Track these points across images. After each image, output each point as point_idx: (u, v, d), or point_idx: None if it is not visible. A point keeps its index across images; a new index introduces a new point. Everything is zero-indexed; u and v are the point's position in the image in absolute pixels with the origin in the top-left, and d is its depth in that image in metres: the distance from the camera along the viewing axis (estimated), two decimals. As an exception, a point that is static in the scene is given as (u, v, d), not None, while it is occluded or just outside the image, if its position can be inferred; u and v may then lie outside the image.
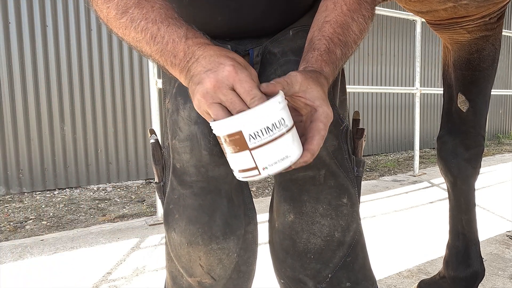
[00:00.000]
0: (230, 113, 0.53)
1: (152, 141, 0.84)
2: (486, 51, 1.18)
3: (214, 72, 0.53)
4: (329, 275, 0.74)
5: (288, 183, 0.75)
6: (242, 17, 0.77)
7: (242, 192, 0.78)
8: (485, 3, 1.02)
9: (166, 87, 0.82)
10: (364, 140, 0.82)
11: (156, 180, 0.83)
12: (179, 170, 0.74)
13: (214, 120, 0.54)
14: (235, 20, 0.77)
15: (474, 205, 1.27)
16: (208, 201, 0.72)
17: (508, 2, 1.09)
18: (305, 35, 0.76)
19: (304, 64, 0.63)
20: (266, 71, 0.78)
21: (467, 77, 1.21)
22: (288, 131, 0.54)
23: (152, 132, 0.87)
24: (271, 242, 0.82)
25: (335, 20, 0.67)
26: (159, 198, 0.83)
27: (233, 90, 0.53)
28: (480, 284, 1.54)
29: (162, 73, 0.84)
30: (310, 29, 0.71)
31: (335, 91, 0.78)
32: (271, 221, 0.83)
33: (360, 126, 0.85)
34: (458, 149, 1.23)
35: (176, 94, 0.75)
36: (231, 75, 0.52)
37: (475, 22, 1.11)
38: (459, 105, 1.23)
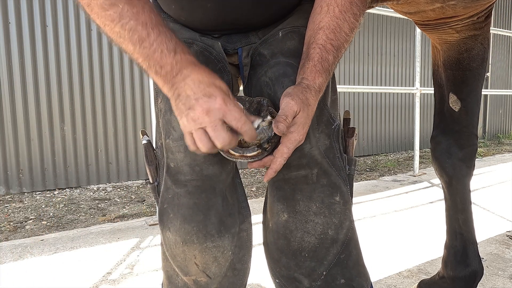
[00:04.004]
0: (210, 139, 0.60)
1: (144, 141, 0.84)
2: (475, 50, 1.18)
3: (206, 102, 0.58)
4: (324, 273, 0.75)
5: (281, 183, 0.75)
6: (231, 4, 0.78)
7: (236, 191, 0.78)
8: (472, 4, 1.02)
9: (158, 87, 0.82)
10: (356, 139, 0.83)
11: (150, 180, 0.84)
12: (173, 170, 0.74)
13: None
14: (224, 7, 0.78)
15: (470, 204, 1.27)
16: (202, 199, 0.72)
17: (494, 2, 1.09)
18: (294, 36, 0.78)
19: (301, 75, 0.69)
20: (257, 73, 0.78)
21: (458, 76, 1.21)
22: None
23: (144, 133, 0.88)
24: (265, 242, 0.83)
25: (327, 25, 0.70)
26: (154, 198, 0.84)
27: (222, 119, 0.59)
28: (480, 284, 1.54)
29: None
30: (306, 32, 0.75)
31: (327, 91, 0.79)
32: (265, 222, 0.83)
33: (354, 126, 0.85)
34: (452, 149, 1.24)
35: None
36: (222, 107, 0.59)
37: (463, 22, 1.12)
38: (451, 105, 1.24)
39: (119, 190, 3.62)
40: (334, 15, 0.70)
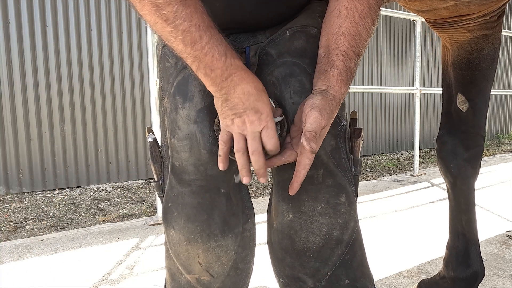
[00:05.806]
0: (246, 143, 0.66)
1: (150, 139, 0.84)
2: (485, 51, 1.17)
3: (254, 115, 0.64)
4: (328, 273, 0.75)
5: (286, 183, 0.75)
6: (239, 3, 0.77)
7: (240, 191, 0.78)
8: (487, 1, 1.01)
9: (164, 86, 0.82)
10: (362, 140, 0.83)
11: (155, 178, 0.84)
12: (177, 169, 0.74)
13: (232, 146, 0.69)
14: (232, 6, 0.77)
15: (474, 205, 1.26)
16: (206, 199, 0.72)
17: (508, 0, 1.08)
18: (301, 35, 0.77)
19: (325, 82, 0.68)
20: (263, 72, 0.78)
21: (467, 76, 1.20)
22: None
23: (150, 130, 0.87)
24: (270, 242, 0.82)
25: (349, 31, 0.70)
26: (159, 196, 0.84)
27: (259, 132, 0.65)
28: (480, 284, 1.54)
29: (160, 71, 0.84)
30: (321, 34, 0.74)
31: None
32: (269, 221, 0.83)
33: (358, 126, 0.85)
34: (458, 149, 1.23)
35: (175, 93, 0.75)
36: (264, 123, 0.65)
37: (475, 21, 1.11)
38: (458, 105, 1.23)
39: (119, 190, 3.62)
40: (354, 20, 0.70)
